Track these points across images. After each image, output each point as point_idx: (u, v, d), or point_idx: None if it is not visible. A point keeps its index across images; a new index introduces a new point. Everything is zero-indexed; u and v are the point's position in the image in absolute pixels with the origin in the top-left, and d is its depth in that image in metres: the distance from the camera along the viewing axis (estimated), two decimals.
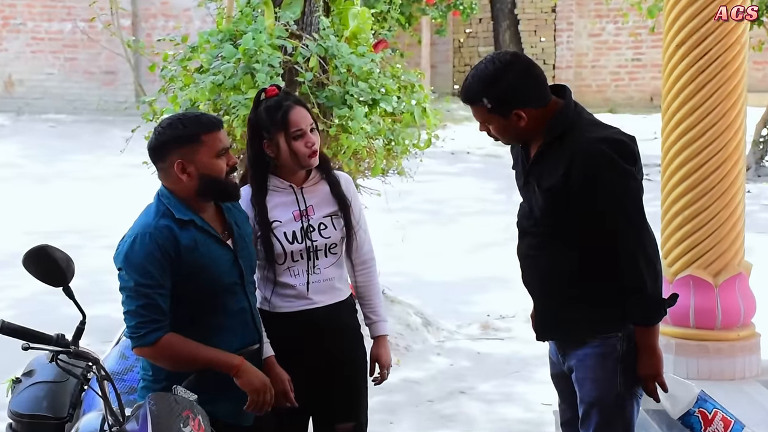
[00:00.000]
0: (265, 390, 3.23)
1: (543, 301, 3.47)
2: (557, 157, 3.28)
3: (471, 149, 14.93)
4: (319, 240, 3.61)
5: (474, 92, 3.33)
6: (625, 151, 3.26)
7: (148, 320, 3.12)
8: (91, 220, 10.56)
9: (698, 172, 5.14)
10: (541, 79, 3.35)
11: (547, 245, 3.37)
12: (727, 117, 5.11)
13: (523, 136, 3.38)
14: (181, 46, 6.07)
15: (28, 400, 3.58)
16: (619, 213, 3.23)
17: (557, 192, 3.27)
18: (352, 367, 3.74)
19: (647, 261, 3.24)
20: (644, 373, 3.33)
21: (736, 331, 5.24)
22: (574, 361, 3.41)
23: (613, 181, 3.22)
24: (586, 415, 3.39)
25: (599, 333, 3.35)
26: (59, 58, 18.62)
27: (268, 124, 3.57)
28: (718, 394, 4.96)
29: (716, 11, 5.04)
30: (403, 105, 5.95)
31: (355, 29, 5.99)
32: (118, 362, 3.67)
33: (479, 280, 8.37)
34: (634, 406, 3.41)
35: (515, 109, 3.28)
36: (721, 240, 5.18)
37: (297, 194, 3.63)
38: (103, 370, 3.14)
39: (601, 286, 3.32)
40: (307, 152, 3.57)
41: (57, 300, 4.23)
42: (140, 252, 3.13)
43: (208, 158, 3.20)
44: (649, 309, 3.27)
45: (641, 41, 18.66)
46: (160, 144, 3.23)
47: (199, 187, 3.22)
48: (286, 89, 3.79)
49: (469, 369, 6.48)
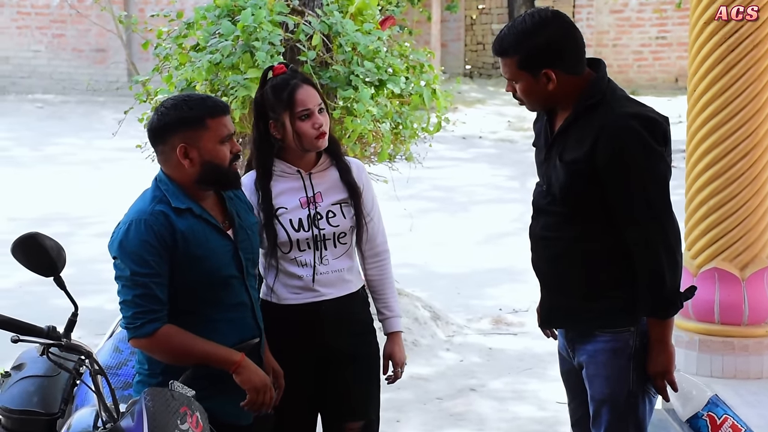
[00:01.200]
0: (265, 389, 3.25)
1: (553, 287, 3.47)
2: (585, 130, 3.29)
3: (483, 133, 14.94)
4: (327, 228, 3.62)
5: (507, 44, 3.33)
6: (656, 130, 3.27)
7: (145, 310, 3.14)
8: (82, 206, 10.60)
9: (726, 158, 5.16)
10: (579, 44, 3.35)
11: (563, 226, 3.38)
12: (758, 100, 5.13)
13: (549, 102, 3.38)
14: (176, 22, 6.09)
15: (18, 395, 3.60)
16: (643, 195, 3.24)
17: (581, 166, 3.28)
18: (363, 364, 3.74)
19: (668, 250, 3.25)
20: (654, 370, 3.34)
21: (764, 327, 5.27)
22: (584, 357, 3.43)
23: (639, 159, 3.23)
24: (597, 413, 3.42)
25: (611, 327, 3.36)
26: (46, 35, 18.65)
27: (274, 104, 3.59)
28: (743, 394, 5.01)
29: (717, 12, 5.07)
30: (412, 86, 5.96)
31: (360, 5, 6.00)
32: (112, 356, 3.70)
33: (491, 272, 8.40)
34: (647, 405, 3.42)
35: (546, 68, 3.29)
36: (749, 231, 5.20)
37: (304, 180, 3.64)
38: (97, 364, 3.17)
39: (617, 274, 3.34)
40: (314, 134, 3.58)
41: (47, 290, 4.28)
42: (135, 239, 3.15)
43: (213, 144, 3.22)
44: (664, 301, 3.27)
45: (666, 18, 18.63)
46: (163, 125, 3.23)
47: (200, 173, 3.23)
48: (294, 67, 3.80)
49: (480, 365, 6.51)
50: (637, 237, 3.26)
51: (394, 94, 5.88)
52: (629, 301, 3.32)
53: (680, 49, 18.62)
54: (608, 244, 3.33)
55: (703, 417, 3.42)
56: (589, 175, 3.27)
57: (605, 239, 3.33)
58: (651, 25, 19.17)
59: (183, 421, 2.95)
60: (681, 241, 3.32)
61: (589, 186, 3.28)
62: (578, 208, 3.34)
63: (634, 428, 3.40)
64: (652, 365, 3.34)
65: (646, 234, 3.25)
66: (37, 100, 17.44)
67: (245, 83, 5.32)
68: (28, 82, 18.38)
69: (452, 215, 10.47)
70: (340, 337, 3.68)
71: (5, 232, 4.24)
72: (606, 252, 3.34)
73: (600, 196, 3.29)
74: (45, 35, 18.66)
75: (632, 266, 3.30)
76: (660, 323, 3.31)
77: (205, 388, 3.17)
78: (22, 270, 3.28)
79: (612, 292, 3.35)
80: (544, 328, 3.64)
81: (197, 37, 5.80)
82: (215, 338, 3.24)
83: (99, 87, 17.66)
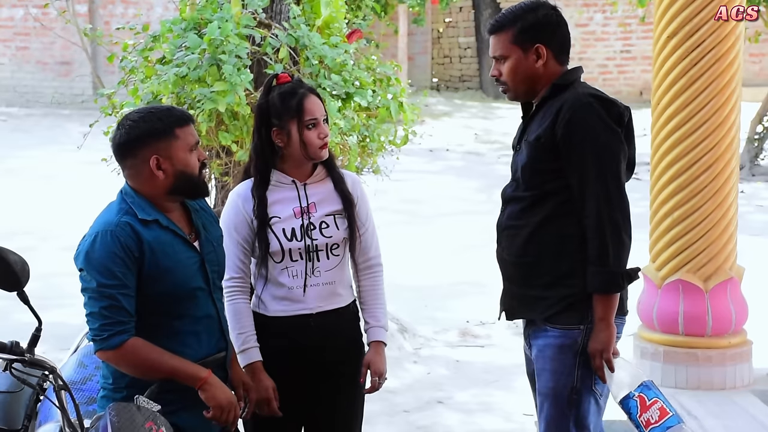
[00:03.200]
0: (230, 408, 3.23)
1: (516, 277, 3.54)
2: (548, 111, 3.42)
3: (450, 146, 14.98)
4: (320, 239, 3.62)
5: (504, 19, 3.50)
6: (612, 110, 3.40)
7: (112, 322, 3.12)
8: (46, 220, 10.53)
9: (689, 171, 5.21)
10: (567, 34, 3.55)
11: (527, 212, 3.46)
12: (721, 113, 5.18)
13: (532, 83, 3.49)
14: (142, 35, 6.06)
15: None
16: (596, 167, 3.34)
17: (542, 141, 3.39)
18: (349, 383, 3.71)
19: (614, 226, 3.34)
20: (594, 347, 3.39)
21: (726, 338, 5.30)
22: (535, 351, 3.51)
23: (595, 131, 3.35)
24: (541, 406, 3.50)
25: (562, 322, 3.43)
26: (10, 47, 18.55)
27: (281, 111, 3.59)
28: (708, 405, 5.05)
29: (716, 11, 5.11)
30: (379, 99, 5.97)
31: (327, 18, 6.01)
32: (77, 371, 3.68)
33: (458, 284, 8.41)
34: (591, 404, 3.48)
35: (538, 43, 3.44)
36: (713, 243, 5.24)
37: (299, 190, 3.64)
38: (61, 380, 3.15)
39: (577, 262, 3.40)
40: (319, 143, 3.60)
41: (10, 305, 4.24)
42: (101, 251, 3.13)
43: (184, 153, 3.22)
44: (607, 275, 3.35)
45: (631, 32, 18.81)
46: (133, 138, 3.21)
47: (174, 184, 3.22)
48: (299, 77, 3.82)
49: (447, 378, 6.51)
50: (588, 210, 3.35)
51: (361, 107, 5.89)
52: (584, 291, 3.38)
53: (644, 63, 18.81)
54: (569, 230, 3.41)
55: (633, 397, 3.47)
56: (550, 150, 3.38)
57: (567, 225, 3.41)
58: (616, 39, 19.35)
59: None
60: (629, 224, 3.40)
61: (549, 162, 3.39)
62: (541, 190, 3.43)
63: (575, 425, 3.46)
64: (592, 343, 3.39)
65: (596, 206, 3.34)
66: (0, 113, 17.32)
67: (212, 96, 5.32)
68: None
69: (419, 228, 10.49)
70: (327, 353, 3.65)
71: None
72: (567, 239, 3.41)
73: (558, 173, 3.39)
74: (8, 48, 18.56)
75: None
76: (603, 300, 3.37)
77: (171, 402, 3.15)
78: None
79: (570, 280, 3.42)
80: (510, 319, 3.69)
81: (163, 50, 5.78)
82: (182, 350, 3.23)
83: (64, 100, 17.57)
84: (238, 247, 3.63)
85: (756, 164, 13.08)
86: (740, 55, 5.24)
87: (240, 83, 5.33)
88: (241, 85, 5.34)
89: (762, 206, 11.08)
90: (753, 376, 5.38)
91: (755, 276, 6.16)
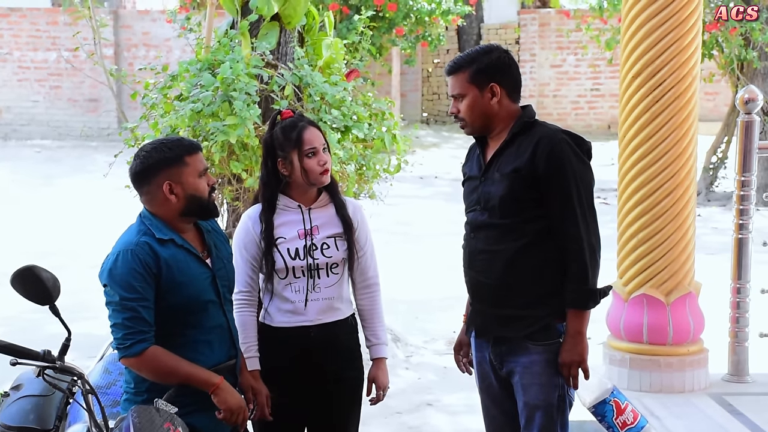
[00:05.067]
0: (239, 411, 3.23)
1: (491, 299, 3.48)
2: (522, 145, 3.40)
3: (439, 174, 14.99)
4: (321, 258, 3.61)
5: (461, 61, 3.48)
6: (583, 144, 3.42)
7: (134, 332, 3.13)
8: (75, 241, 10.51)
9: (652, 196, 5.21)
10: (518, 75, 3.54)
11: (504, 239, 3.41)
12: (680, 144, 5.18)
13: (488, 120, 3.46)
14: (162, 75, 6.08)
15: (16, 413, 3.56)
16: (575, 196, 3.34)
17: (521, 173, 3.36)
18: (347, 386, 3.71)
19: (591, 248, 3.35)
20: (570, 359, 3.36)
21: (686, 346, 5.29)
22: (519, 368, 3.45)
23: (573, 164, 3.35)
24: (531, 417, 3.44)
25: (543, 339, 3.40)
26: (44, 86, 18.57)
27: (283, 143, 3.60)
28: (669, 406, 5.04)
29: (716, 11, 5.06)
30: (374, 131, 5.98)
31: (328, 59, 6.03)
32: (102, 377, 3.66)
33: (446, 298, 8.39)
34: (568, 408, 3.48)
35: (492, 82, 3.42)
36: (673, 261, 5.24)
37: (304, 214, 3.64)
38: (88, 384, 3.14)
39: (555, 284, 3.38)
40: (319, 170, 3.60)
41: (42, 318, 4.24)
42: (123, 268, 3.14)
43: (193, 178, 3.23)
44: (586, 293, 3.34)
45: (600, 72, 18.87)
46: (148, 167, 3.23)
47: (185, 206, 3.23)
48: (300, 112, 3.84)
49: (436, 382, 6.49)
50: (569, 236, 3.34)
51: (359, 139, 5.90)
52: (561, 309, 3.37)
53: (612, 100, 18.86)
54: (549, 254, 3.38)
55: (610, 402, 3.46)
56: (529, 182, 3.36)
57: (546, 249, 3.38)
58: (586, 78, 19.41)
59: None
60: (601, 246, 3.41)
61: (528, 192, 3.37)
62: (517, 218, 3.39)
63: (561, 428, 3.45)
64: (567, 355, 3.36)
65: (576, 232, 3.33)
66: (35, 145, 17.32)
67: (224, 129, 5.32)
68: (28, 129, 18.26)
69: (411, 247, 10.48)
70: (326, 360, 3.64)
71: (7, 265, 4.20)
72: (547, 262, 3.39)
73: (537, 203, 3.36)
74: (43, 87, 18.57)
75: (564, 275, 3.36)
76: (579, 315, 3.36)
77: (187, 405, 3.15)
78: (20, 299, 3.25)
79: (550, 299, 3.40)
80: (478, 338, 3.61)
81: (180, 88, 5.79)
82: (195, 357, 3.23)
83: (92, 133, 17.57)
84: (247, 264, 3.63)
85: (711, 191, 13.09)
86: (697, 93, 5.25)
87: (249, 117, 5.34)
88: (250, 119, 5.35)
89: (717, 228, 11.08)
90: (709, 381, 5.37)
91: (711, 290, 6.16)
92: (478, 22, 19.64)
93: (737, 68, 12.00)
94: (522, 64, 19.15)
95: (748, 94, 5.39)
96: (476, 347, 3.63)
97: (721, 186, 13.16)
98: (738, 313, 5.51)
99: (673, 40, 5.10)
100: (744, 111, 5.40)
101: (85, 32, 9.60)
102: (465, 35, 19.42)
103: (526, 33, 19.28)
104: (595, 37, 13.20)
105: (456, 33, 19.46)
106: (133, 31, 18.64)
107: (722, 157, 13.02)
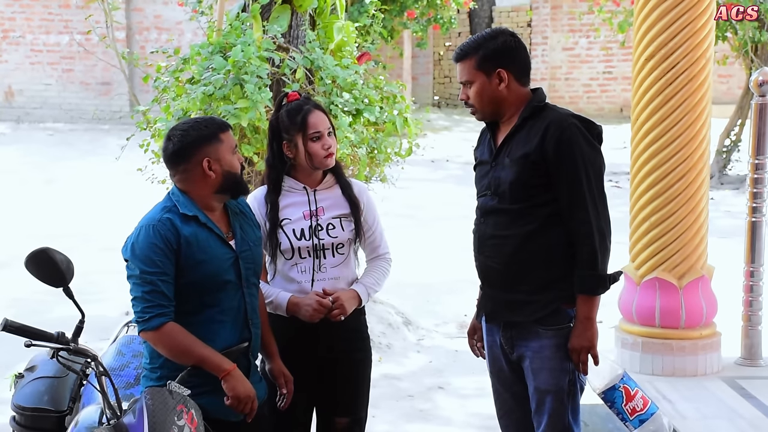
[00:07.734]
0: (247, 400, 3.23)
1: (501, 283, 3.47)
2: (532, 130, 3.38)
3: (450, 157, 14.97)
4: (326, 239, 3.63)
5: (467, 48, 3.45)
6: (592, 129, 3.39)
7: (153, 305, 3.16)
8: (88, 223, 10.54)
9: (665, 180, 5.20)
10: (526, 57, 3.49)
11: (514, 224, 3.40)
12: (693, 128, 5.17)
13: (498, 105, 3.44)
14: (174, 58, 6.09)
15: (31, 394, 3.59)
16: (585, 181, 3.32)
17: (531, 158, 3.34)
18: (354, 367, 3.72)
19: (601, 234, 3.33)
20: (579, 344, 3.36)
21: (698, 330, 5.29)
22: (529, 352, 3.45)
23: (583, 149, 3.33)
24: (542, 401, 3.44)
25: (554, 324, 3.39)
26: (57, 70, 18.57)
27: (288, 126, 3.62)
28: (681, 390, 5.04)
29: (717, 12, 5.06)
30: (386, 115, 5.98)
31: (339, 42, 6.02)
32: (115, 359, 3.68)
33: (457, 281, 8.39)
34: (578, 393, 3.48)
35: (500, 68, 3.39)
36: (686, 244, 5.23)
37: (309, 195, 3.66)
38: (101, 366, 3.16)
39: (564, 268, 3.37)
40: (323, 154, 3.62)
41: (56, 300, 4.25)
42: (144, 242, 3.18)
43: (229, 155, 3.29)
44: (596, 279, 3.32)
45: (612, 55, 18.76)
46: (187, 145, 3.26)
47: (222, 182, 3.27)
48: (306, 95, 3.83)
49: (447, 366, 6.50)
50: (579, 220, 3.32)
51: (370, 122, 5.90)
52: (571, 293, 3.36)
53: (624, 83, 18.76)
54: (558, 239, 3.36)
55: (619, 388, 3.45)
56: (538, 167, 3.34)
57: (555, 234, 3.37)
58: (598, 61, 19.30)
59: (180, 418, 2.95)
60: (611, 231, 3.39)
61: (538, 178, 3.35)
62: (527, 203, 3.38)
63: (572, 413, 3.45)
64: (578, 341, 3.36)
65: (586, 217, 3.32)
66: (48, 128, 17.34)
67: (235, 112, 5.33)
68: (40, 113, 18.28)
69: (422, 230, 10.48)
70: (333, 341, 3.66)
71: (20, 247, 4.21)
72: (556, 247, 3.37)
73: (546, 188, 3.35)
74: (56, 70, 18.58)
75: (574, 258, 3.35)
76: (589, 301, 3.34)
77: (198, 386, 3.16)
78: (34, 281, 3.26)
79: (559, 284, 3.38)
80: (488, 322, 3.62)
81: (192, 72, 5.80)
82: (209, 336, 3.24)
83: (104, 116, 17.58)
84: None
85: (724, 174, 13.04)
86: (710, 75, 5.23)
87: (261, 101, 5.35)
88: (261, 102, 5.35)
89: (729, 211, 11.04)
90: (721, 364, 5.37)
91: (724, 274, 6.14)
92: (490, 5, 19.56)
93: (751, 50, 11.94)
94: (534, 47, 19.09)
95: (762, 77, 5.35)
96: (487, 331, 3.63)
97: (735, 169, 13.11)
98: (751, 296, 5.50)
99: (687, 23, 5.08)
100: (758, 93, 5.37)
101: (97, 15, 9.60)
102: (477, 18, 19.33)
103: (538, 16, 19.19)
104: (607, 20, 13.12)
105: (468, 16, 19.37)
106: (145, 14, 18.62)
107: (735, 140, 12.96)
